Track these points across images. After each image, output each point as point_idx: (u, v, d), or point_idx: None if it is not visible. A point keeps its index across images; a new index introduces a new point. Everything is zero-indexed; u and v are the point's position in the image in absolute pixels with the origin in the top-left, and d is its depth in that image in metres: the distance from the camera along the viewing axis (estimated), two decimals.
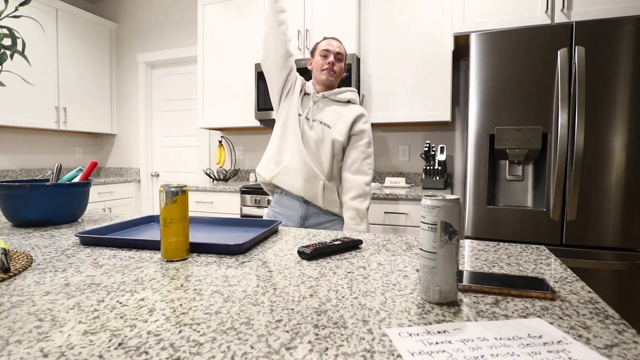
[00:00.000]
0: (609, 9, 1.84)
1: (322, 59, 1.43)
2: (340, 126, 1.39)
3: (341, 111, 1.42)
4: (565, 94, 1.65)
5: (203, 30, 2.87)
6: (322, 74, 1.42)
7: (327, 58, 1.42)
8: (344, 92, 1.46)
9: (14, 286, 0.55)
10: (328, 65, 1.41)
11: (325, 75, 1.42)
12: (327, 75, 1.42)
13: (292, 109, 1.41)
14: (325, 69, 1.42)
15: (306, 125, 1.40)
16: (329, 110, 1.43)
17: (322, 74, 1.42)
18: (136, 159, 3.65)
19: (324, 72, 1.42)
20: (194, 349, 0.38)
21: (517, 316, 0.46)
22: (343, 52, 1.46)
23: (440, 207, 0.49)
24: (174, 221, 0.69)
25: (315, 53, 1.46)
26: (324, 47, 1.43)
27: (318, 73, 1.44)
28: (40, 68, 2.98)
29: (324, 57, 1.42)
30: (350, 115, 1.41)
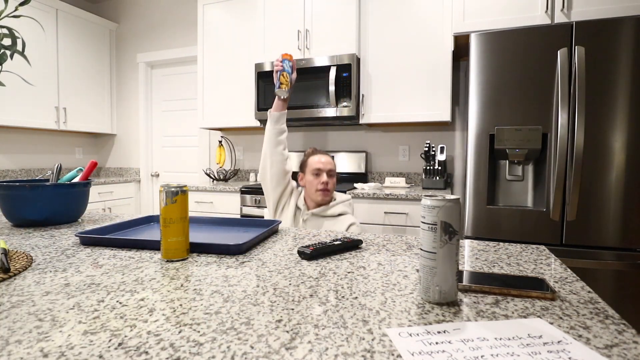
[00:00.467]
0: (609, 9, 1.84)
1: (314, 178, 1.43)
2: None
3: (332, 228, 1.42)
4: (565, 94, 1.65)
5: (203, 30, 2.87)
6: (317, 195, 1.43)
7: (320, 177, 1.43)
8: (335, 206, 1.46)
9: (14, 286, 0.55)
10: (322, 185, 1.42)
11: (320, 196, 1.43)
12: (322, 196, 1.43)
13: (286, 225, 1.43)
14: (320, 190, 1.42)
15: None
16: (319, 227, 1.44)
17: (317, 195, 1.43)
18: (136, 159, 3.65)
19: (318, 192, 1.42)
20: (194, 349, 0.38)
21: (517, 316, 0.46)
22: (334, 167, 1.48)
23: (440, 207, 0.49)
24: (174, 221, 0.69)
25: (307, 170, 1.46)
26: (315, 167, 1.43)
27: (312, 193, 1.44)
28: (40, 68, 2.98)
29: (317, 176, 1.43)
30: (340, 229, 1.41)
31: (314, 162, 1.45)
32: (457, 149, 2.57)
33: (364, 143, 2.79)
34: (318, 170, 1.43)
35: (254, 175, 3.01)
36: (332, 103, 2.34)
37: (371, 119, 2.41)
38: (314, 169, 1.44)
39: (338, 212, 1.45)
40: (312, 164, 1.45)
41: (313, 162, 1.45)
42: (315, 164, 1.44)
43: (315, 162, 1.45)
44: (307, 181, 1.46)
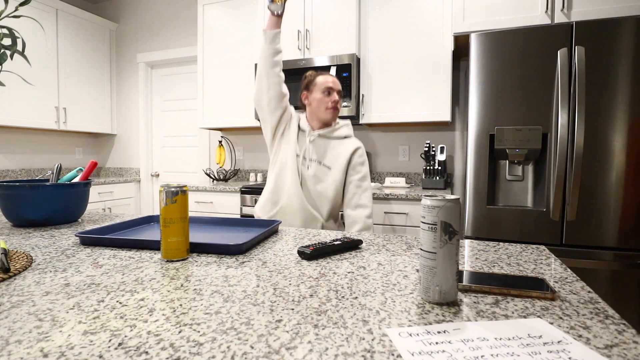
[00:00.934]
0: (609, 9, 1.84)
1: (324, 96, 1.39)
2: (339, 166, 1.38)
3: (339, 149, 1.41)
4: (565, 94, 1.65)
5: (203, 30, 2.87)
6: (327, 113, 1.39)
7: (331, 95, 1.39)
8: (341, 128, 1.44)
9: (14, 286, 0.55)
10: (332, 103, 1.39)
11: (330, 114, 1.40)
12: (332, 115, 1.40)
13: (290, 148, 1.39)
14: (331, 108, 1.39)
15: (303, 166, 1.38)
16: (326, 149, 1.40)
17: (326, 113, 1.39)
18: (136, 159, 3.65)
19: (329, 110, 1.39)
20: (194, 349, 0.38)
21: (517, 316, 0.46)
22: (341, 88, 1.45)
23: (440, 207, 0.49)
24: (174, 221, 0.69)
25: (315, 89, 1.42)
26: (326, 85, 1.40)
27: (320, 111, 1.40)
28: (40, 68, 2.98)
29: (327, 95, 1.39)
30: (346, 153, 1.39)
31: (324, 80, 1.41)
32: (457, 149, 2.57)
33: (364, 143, 2.79)
34: (329, 89, 1.39)
35: (254, 175, 3.01)
36: None
37: (371, 118, 2.41)
38: (325, 87, 1.39)
39: (344, 134, 1.43)
40: (322, 82, 1.41)
41: (323, 81, 1.41)
42: (326, 83, 1.40)
43: (325, 81, 1.41)
44: (315, 99, 1.41)
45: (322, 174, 1.38)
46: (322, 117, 1.41)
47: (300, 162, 1.38)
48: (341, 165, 1.38)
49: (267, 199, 1.41)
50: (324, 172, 1.38)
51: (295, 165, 1.37)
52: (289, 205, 1.36)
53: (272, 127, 1.42)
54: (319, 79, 1.42)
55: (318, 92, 1.40)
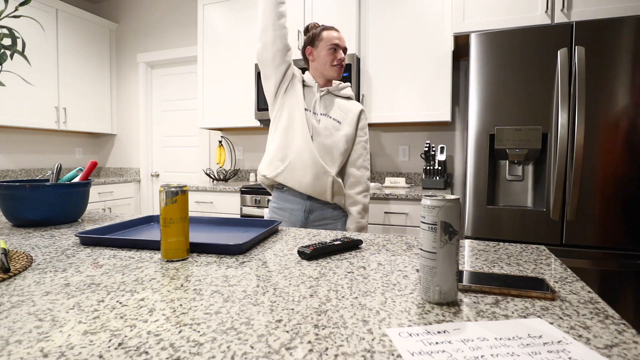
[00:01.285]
0: (609, 9, 1.84)
1: (330, 52, 1.37)
2: (349, 121, 1.39)
3: (347, 106, 1.42)
4: (565, 94, 1.65)
5: (203, 30, 2.87)
6: (333, 70, 1.38)
7: (337, 53, 1.37)
8: (346, 87, 1.45)
9: (14, 286, 0.55)
10: (338, 61, 1.37)
11: (336, 71, 1.39)
12: (338, 72, 1.39)
13: (298, 103, 1.36)
14: (336, 65, 1.38)
15: (314, 119, 1.36)
16: (335, 105, 1.40)
17: (331, 70, 1.38)
18: (136, 159, 3.65)
19: (334, 67, 1.38)
20: (194, 349, 0.38)
21: (517, 316, 0.46)
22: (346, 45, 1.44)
23: (440, 207, 0.49)
24: (174, 221, 0.69)
25: (319, 44, 1.39)
26: (332, 41, 1.37)
27: (326, 68, 1.38)
28: (40, 68, 2.98)
29: (333, 52, 1.37)
30: (355, 111, 1.41)
31: (330, 36, 1.38)
32: (457, 149, 2.57)
33: None
34: (335, 46, 1.37)
35: (254, 175, 3.01)
36: None
37: (371, 118, 2.41)
38: (331, 44, 1.37)
39: (348, 94, 1.44)
40: (329, 38, 1.38)
41: (329, 37, 1.38)
42: (332, 39, 1.37)
43: (331, 37, 1.38)
44: (320, 56, 1.38)
45: (333, 127, 1.37)
46: (327, 74, 1.39)
47: (310, 116, 1.37)
48: (352, 121, 1.39)
49: (274, 156, 1.37)
50: (335, 125, 1.38)
51: (305, 119, 1.35)
52: (299, 160, 1.33)
53: (275, 84, 1.38)
54: (325, 34, 1.39)
55: (324, 48, 1.38)
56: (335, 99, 1.42)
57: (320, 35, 1.39)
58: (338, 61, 1.38)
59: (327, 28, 1.41)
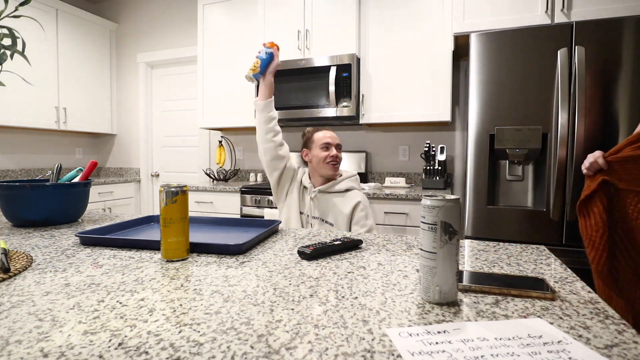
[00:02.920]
0: (609, 9, 1.84)
1: (323, 151, 1.42)
2: (341, 222, 1.39)
3: (339, 205, 1.40)
4: (565, 94, 1.65)
5: (203, 30, 2.87)
6: (327, 168, 1.41)
7: (330, 150, 1.42)
8: (342, 181, 1.44)
9: (14, 286, 0.55)
10: (331, 157, 1.41)
11: (330, 169, 1.41)
12: (332, 169, 1.42)
13: (293, 206, 1.43)
14: (330, 162, 1.41)
15: (307, 223, 1.41)
16: (327, 205, 1.41)
17: (326, 167, 1.41)
18: (136, 159, 3.65)
19: (328, 165, 1.41)
20: (194, 349, 0.38)
21: (517, 316, 0.46)
22: (341, 143, 1.48)
23: (440, 207, 0.49)
24: (174, 221, 0.69)
25: (313, 146, 1.45)
26: (324, 141, 1.42)
27: (321, 166, 1.42)
28: (40, 68, 2.98)
29: (326, 149, 1.42)
30: (347, 208, 1.38)
31: (322, 136, 1.44)
32: (457, 149, 2.57)
33: (364, 143, 2.79)
34: (327, 145, 1.43)
35: (253, 175, 3.01)
36: (332, 103, 2.34)
37: (371, 119, 2.41)
38: (323, 143, 1.43)
39: (345, 187, 1.43)
40: (320, 138, 1.44)
41: (321, 137, 1.44)
42: (324, 138, 1.43)
43: (323, 137, 1.44)
44: (314, 156, 1.44)
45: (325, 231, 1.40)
46: (323, 173, 1.43)
47: (304, 220, 1.42)
48: (343, 222, 1.39)
49: None
50: (327, 229, 1.39)
51: (299, 223, 1.42)
52: None
53: (274, 188, 1.48)
54: (317, 135, 1.45)
55: (316, 148, 1.44)
56: (330, 197, 1.42)
57: (313, 137, 1.46)
58: (331, 157, 1.41)
59: (320, 129, 1.49)
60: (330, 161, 1.41)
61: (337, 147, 1.45)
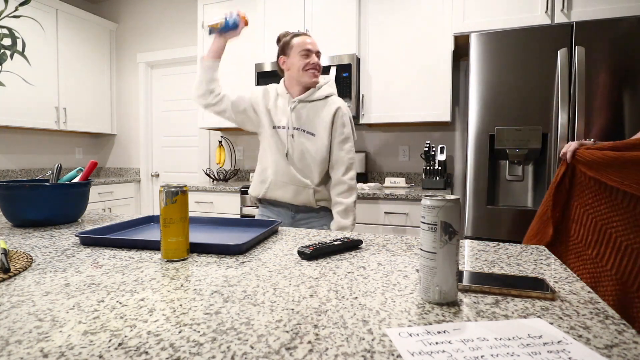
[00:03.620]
0: (609, 9, 1.84)
1: (303, 58, 1.33)
2: (322, 130, 1.35)
3: (321, 113, 1.36)
4: (565, 94, 1.65)
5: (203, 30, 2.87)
6: (306, 75, 1.34)
7: (309, 58, 1.34)
8: (321, 88, 1.39)
9: (14, 286, 0.55)
10: (311, 65, 1.33)
11: (310, 76, 1.34)
12: (312, 77, 1.34)
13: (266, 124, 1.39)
14: (310, 70, 1.34)
15: (288, 136, 1.36)
16: (308, 114, 1.36)
17: (305, 75, 1.34)
18: (136, 159, 3.65)
19: (308, 72, 1.34)
20: (194, 349, 0.38)
21: (517, 316, 0.46)
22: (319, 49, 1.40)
23: (440, 207, 0.49)
24: (174, 221, 0.69)
25: (291, 52, 1.35)
26: (304, 47, 1.33)
27: (300, 74, 1.34)
28: (40, 68, 2.98)
29: (306, 57, 1.33)
30: (328, 116, 1.35)
31: (301, 42, 1.34)
32: (457, 149, 2.57)
33: (364, 143, 2.79)
34: (308, 51, 1.33)
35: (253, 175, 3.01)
36: None
37: (371, 119, 2.41)
38: (303, 49, 1.33)
39: (325, 93, 1.38)
40: (300, 44, 1.34)
41: (300, 43, 1.34)
42: (304, 44, 1.34)
43: (302, 43, 1.34)
44: (293, 64, 1.35)
45: (307, 141, 1.35)
46: (302, 80, 1.35)
47: (286, 133, 1.36)
48: (325, 130, 1.35)
49: (256, 179, 1.44)
50: (309, 138, 1.35)
51: (275, 138, 1.37)
52: (277, 180, 1.37)
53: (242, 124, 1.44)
54: (295, 41, 1.35)
55: (296, 55, 1.34)
56: (311, 105, 1.37)
57: (291, 42, 1.36)
58: (311, 65, 1.33)
59: (298, 35, 1.37)
60: (310, 69, 1.33)
61: (317, 54, 1.36)
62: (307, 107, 1.37)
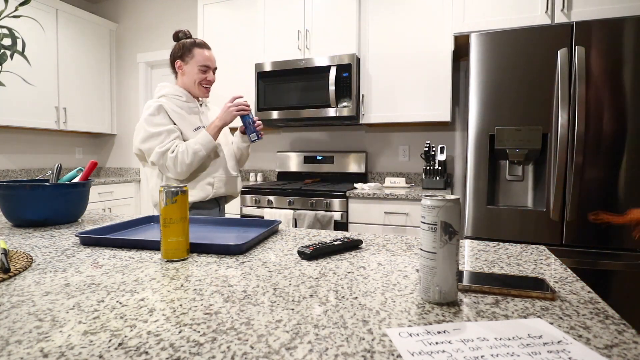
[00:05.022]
0: (609, 9, 1.84)
1: (199, 73, 1.38)
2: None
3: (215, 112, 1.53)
4: (565, 94, 1.65)
5: (203, 30, 2.87)
6: (201, 92, 1.41)
7: (207, 74, 1.39)
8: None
9: (14, 286, 0.55)
10: (207, 82, 1.41)
11: (204, 92, 1.42)
12: (205, 93, 1.42)
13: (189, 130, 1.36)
14: (205, 87, 1.41)
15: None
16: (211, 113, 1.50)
17: (200, 91, 1.41)
18: (136, 159, 3.65)
19: (203, 89, 1.41)
20: (194, 349, 0.38)
21: (517, 316, 0.46)
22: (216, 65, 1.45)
23: (440, 207, 0.49)
24: (174, 221, 0.69)
25: (190, 61, 1.38)
26: (204, 63, 1.38)
27: (194, 86, 1.39)
28: (40, 68, 2.97)
29: (204, 73, 1.39)
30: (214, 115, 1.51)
31: (202, 57, 1.38)
32: (457, 149, 2.57)
33: (364, 143, 2.79)
34: (206, 68, 1.39)
35: (253, 175, 3.01)
36: (332, 103, 2.34)
37: (371, 119, 2.41)
38: (202, 65, 1.38)
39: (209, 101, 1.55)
40: (201, 58, 1.37)
41: (201, 57, 1.38)
42: (204, 60, 1.38)
43: (203, 58, 1.38)
44: (189, 73, 1.39)
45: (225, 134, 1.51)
46: (194, 92, 1.41)
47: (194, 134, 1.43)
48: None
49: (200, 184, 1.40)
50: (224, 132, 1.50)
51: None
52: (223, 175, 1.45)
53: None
54: (197, 53, 1.37)
55: (194, 66, 1.38)
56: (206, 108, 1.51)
57: (192, 51, 1.38)
58: (207, 82, 1.40)
59: (200, 45, 1.39)
60: (205, 85, 1.41)
61: (214, 70, 1.43)
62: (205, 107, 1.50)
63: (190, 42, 1.39)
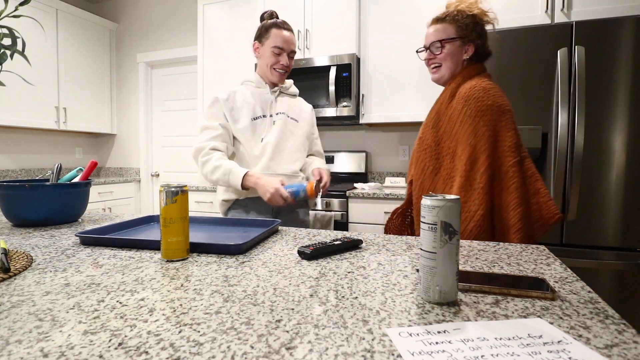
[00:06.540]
0: (609, 9, 1.84)
1: (274, 56, 1.27)
2: (306, 119, 1.39)
3: (298, 105, 1.40)
4: (565, 94, 1.65)
5: (203, 30, 2.87)
6: (274, 76, 1.30)
7: (281, 57, 1.28)
8: (292, 85, 1.41)
9: (14, 286, 0.55)
10: (280, 66, 1.28)
11: (277, 77, 1.30)
12: (279, 78, 1.31)
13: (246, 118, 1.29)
14: (278, 72, 1.29)
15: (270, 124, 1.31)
16: (287, 103, 1.35)
17: (273, 75, 1.30)
18: (136, 159, 3.65)
19: (275, 73, 1.29)
20: (194, 349, 0.38)
21: (517, 316, 0.46)
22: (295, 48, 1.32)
23: (440, 207, 0.49)
24: (174, 221, 0.69)
25: (265, 42, 1.27)
26: (278, 43, 1.25)
27: (268, 71, 1.30)
28: (40, 68, 2.98)
29: (277, 55, 1.27)
30: (308, 109, 1.44)
31: (277, 36, 1.25)
32: None
33: (364, 143, 2.79)
34: (280, 50, 1.26)
35: None
36: (332, 103, 2.34)
37: (371, 118, 2.41)
38: (275, 46, 1.25)
39: (295, 91, 1.42)
40: (274, 38, 1.25)
41: (276, 37, 1.25)
42: (278, 41, 1.25)
43: (278, 38, 1.25)
44: (264, 56, 1.29)
45: (292, 126, 1.34)
46: (268, 77, 1.31)
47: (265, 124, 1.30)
48: (308, 119, 1.40)
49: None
50: (293, 124, 1.35)
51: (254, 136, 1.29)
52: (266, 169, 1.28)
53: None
54: (273, 33, 1.26)
55: (268, 48, 1.27)
56: (286, 97, 1.38)
57: (269, 32, 1.27)
58: (280, 66, 1.28)
59: (278, 25, 1.28)
60: (279, 70, 1.29)
61: (290, 54, 1.30)
62: (283, 96, 1.38)
63: (270, 23, 1.28)
